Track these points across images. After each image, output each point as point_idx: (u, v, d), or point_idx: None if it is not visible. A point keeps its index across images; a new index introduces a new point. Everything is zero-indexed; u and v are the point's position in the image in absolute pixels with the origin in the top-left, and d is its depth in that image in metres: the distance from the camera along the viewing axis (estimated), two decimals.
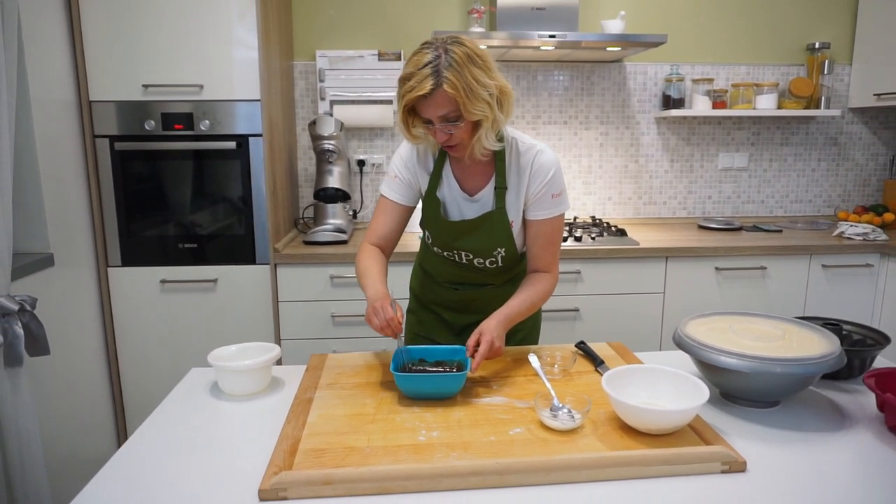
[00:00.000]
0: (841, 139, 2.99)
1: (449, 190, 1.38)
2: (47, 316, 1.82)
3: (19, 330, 1.49)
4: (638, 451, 0.95)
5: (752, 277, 2.40)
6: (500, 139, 1.30)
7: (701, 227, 2.76)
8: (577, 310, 2.35)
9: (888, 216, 2.75)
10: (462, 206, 1.38)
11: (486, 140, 1.24)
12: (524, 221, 1.38)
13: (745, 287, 2.41)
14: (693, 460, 0.94)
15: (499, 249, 1.38)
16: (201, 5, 2.09)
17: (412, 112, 1.25)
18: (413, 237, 1.48)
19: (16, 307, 1.49)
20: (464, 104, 1.17)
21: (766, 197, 3.01)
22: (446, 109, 1.19)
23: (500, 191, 1.34)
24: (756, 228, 2.72)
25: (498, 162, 1.34)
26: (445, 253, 1.43)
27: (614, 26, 2.44)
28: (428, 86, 1.16)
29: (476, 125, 1.24)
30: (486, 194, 1.36)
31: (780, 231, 2.67)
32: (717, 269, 2.38)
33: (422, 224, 1.44)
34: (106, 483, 0.93)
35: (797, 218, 3.00)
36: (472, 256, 1.40)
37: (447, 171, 1.38)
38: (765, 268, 2.39)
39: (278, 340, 2.31)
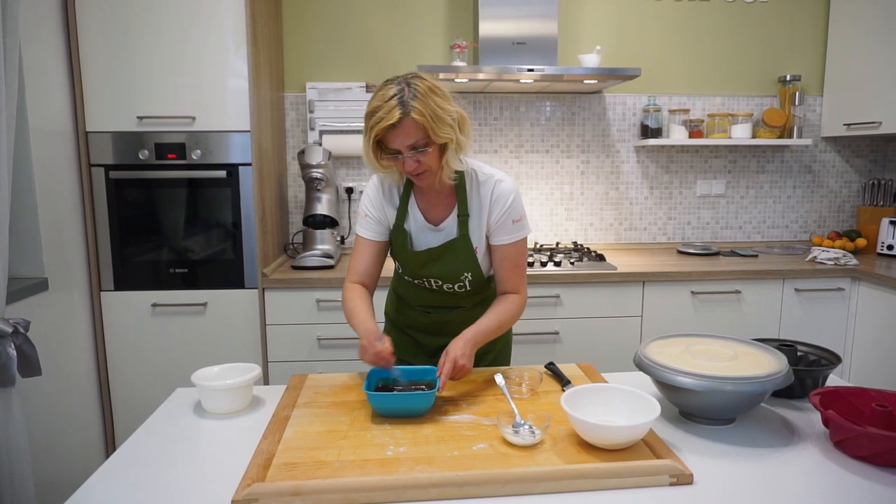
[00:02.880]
0: (815, 167, 3.09)
1: (414, 222, 1.46)
2: (41, 338, 1.88)
3: (12, 351, 1.55)
4: (590, 465, 1.01)
5: (728, 301, 2.48)
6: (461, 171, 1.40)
7: (680, 253, 2.84)
8: (556, 333, 2.41)
9: (861, 241, 2.83)
10: (427, 236, 1.45)
11: (453, 162, 1.33)
12: (489, 247, 1.46)
13: (720, 310, 2.48)
14: (642, 473, 1.00)
15: (465, 274, 1.45)
16: (194, 41, 2.20)
17: (379, 146, 1.32)
18: (387, 262, 1.56)
19: (10, 329, 1.55)
20: (431, 129, 1.25)
21: (743, 223, 3.10)
22: (414, 138, 1.27)
23: (463, 219, 1.42)
24: (733, 253, 2.80)
25: (459, 192, 1.42)
26: (416, 281, 1.50)
27: (590, 60, 2.55)
28: (396, 115, 1.23)
29: (442, 150, 1.32)
30: (450, 223, 1.44)
31: (756, 256, 2.75)
32: (692, 292, 2.45)
33: (392, 255, 1.52)
34: (91, 493, 0.99)
35: (774, 243, 3.08)
36: (440, 282, 1.47)
37: (412, 204, 1.45)
38: (739, 291, 2.47)
39: (266, 362, 2.36)
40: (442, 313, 1.55)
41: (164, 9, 2.17)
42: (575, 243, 2.94)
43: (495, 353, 1.59)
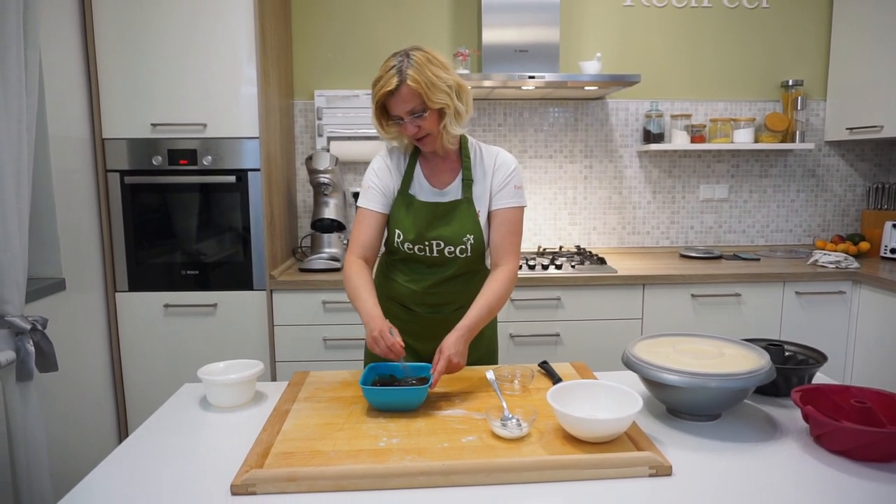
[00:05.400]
0: (819, 171, 3.10)
1: (420, 187, 1.54)
2: (58, 336, 1.96)
3: (30, 347, 1.63)
4: (571, 456, 1.06)
5: (728, 304, 2.50)
6: (465, 138, 1.53)
7: (682, 256, 2.87)
8: (557, 335, 2.45)
9: (864, 245, 2.84)
10: (432, 200, 1.53)
11: (451, 127, 1.43)
12: (489, 216, 1.53)
13: (720, 313, 2.50)
14: (621, 464, 1.04)
15: (468, 236, 1.51)
16: (206, 51, 2.28)
17: (384, 112, 1.45)
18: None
19: (28, 326, 1.63)
20: (426, 94, 1.37)
21: (746, 227, 3.12)
22: (412, 104, 1.39)
23: (468, 182, 1.52)
24: (736, 257, 2.82)
25: (464, 158, 1.52)
26: (416, 247, 1.52)
27: (591, 67, 2.60)
28: (394, 82, 1.36)
29: (440, 116, 1.43)
30: (454, 187, 1.53)
31: (758, 259, 2.77)
32: (693, 295, 2.48)
33: (393, 223, 1.53)
34: (99, 480, 1.06)
35: (777, 247, 3.10)
36: (442, 245, 1.52)
37: (417, 171, 1.54)
38: (739, 294, 2.49)
39: (273, 362, 2.43)
40: (433, 313, 1.59)
41: (177, 20, 2.26)
42: (578, 247, 2.97)
43: (479, 355, 1.62)
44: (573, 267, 2.53)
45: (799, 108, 2.93)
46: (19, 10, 1.62)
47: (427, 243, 1.52)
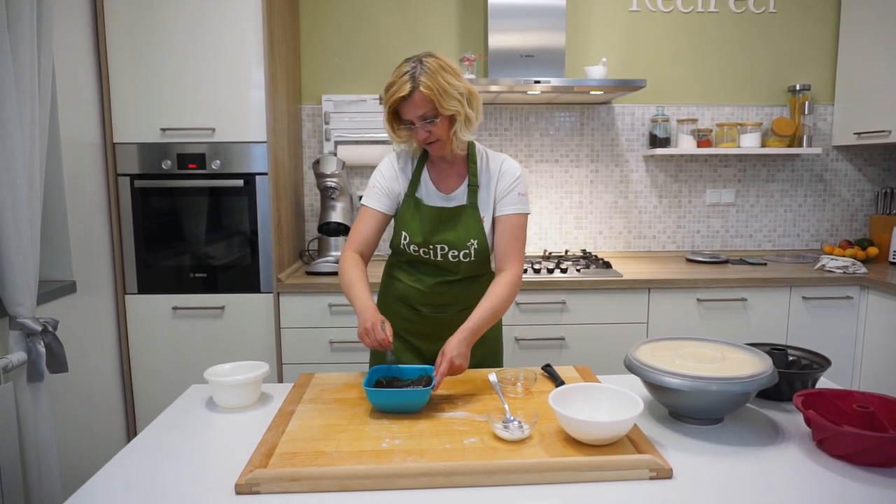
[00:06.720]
0: (826, 176, 3.09)
1: (426, 191, 1.56)
2: (69, 338, 1.99)
3: (41, 349, 1.66)
4: (572, 458, 1.06)
5: (734, 308, 2.49)
6: (473, 144, 1.55)
7: (689, 261, 2.86)
8: (562, 338, 2.45)
9: (872, 250, 2.82)
10: (438, 204, 1.55)
11: (462, 133, 1.46)
12: (493, 220, 1.55)
13: (726, 318, 2.50)
14: (622, 467, 1.05)
15: (472, 241, 1.53)
16: (215, 57, 2.32)
17: (396, 116, 1.47)
18: (377, 266, 1.61)
19: (39, 328, 1.66)
20: (438, 101, 1.39)
21: (753, 231, 3.11)
22: (423, 109, 1.41)
23: (473, 188, 1.54)
24: (742, 262, 2.82)
25: (471, 164, 1.55)
26: (422, 250, 1.55)
27: (596, 72, 2.61)
28: (407, 88, 1.38)
29: (451, 122, 1.45)
30: (460, 193, 1.55)
31: (765, 264, 2.76)
32: (698, 300, 2.48)
33: (397, 227, 1.57)
34: (107, 478, 1.08)
35: (784, 252, 3.09)
36: (447, 249, 1.54)
37: (425, 175, 1.57)
38: (745, 299, 2.48)
39: (280, 364, 2.45)
40: (438, 313, 1.61)
41: (186, 27, 2.29)
42: (584, 251, 2.98)
43: (482, 355, 1.63)
44: (578, 271, 2.53)
45: (806, 112, 2.92)
46: (33, 18, 1.65)
47: (432, 247, 1.54)
